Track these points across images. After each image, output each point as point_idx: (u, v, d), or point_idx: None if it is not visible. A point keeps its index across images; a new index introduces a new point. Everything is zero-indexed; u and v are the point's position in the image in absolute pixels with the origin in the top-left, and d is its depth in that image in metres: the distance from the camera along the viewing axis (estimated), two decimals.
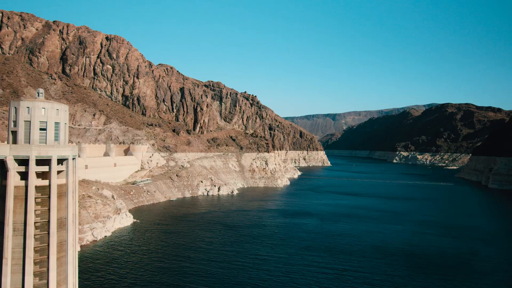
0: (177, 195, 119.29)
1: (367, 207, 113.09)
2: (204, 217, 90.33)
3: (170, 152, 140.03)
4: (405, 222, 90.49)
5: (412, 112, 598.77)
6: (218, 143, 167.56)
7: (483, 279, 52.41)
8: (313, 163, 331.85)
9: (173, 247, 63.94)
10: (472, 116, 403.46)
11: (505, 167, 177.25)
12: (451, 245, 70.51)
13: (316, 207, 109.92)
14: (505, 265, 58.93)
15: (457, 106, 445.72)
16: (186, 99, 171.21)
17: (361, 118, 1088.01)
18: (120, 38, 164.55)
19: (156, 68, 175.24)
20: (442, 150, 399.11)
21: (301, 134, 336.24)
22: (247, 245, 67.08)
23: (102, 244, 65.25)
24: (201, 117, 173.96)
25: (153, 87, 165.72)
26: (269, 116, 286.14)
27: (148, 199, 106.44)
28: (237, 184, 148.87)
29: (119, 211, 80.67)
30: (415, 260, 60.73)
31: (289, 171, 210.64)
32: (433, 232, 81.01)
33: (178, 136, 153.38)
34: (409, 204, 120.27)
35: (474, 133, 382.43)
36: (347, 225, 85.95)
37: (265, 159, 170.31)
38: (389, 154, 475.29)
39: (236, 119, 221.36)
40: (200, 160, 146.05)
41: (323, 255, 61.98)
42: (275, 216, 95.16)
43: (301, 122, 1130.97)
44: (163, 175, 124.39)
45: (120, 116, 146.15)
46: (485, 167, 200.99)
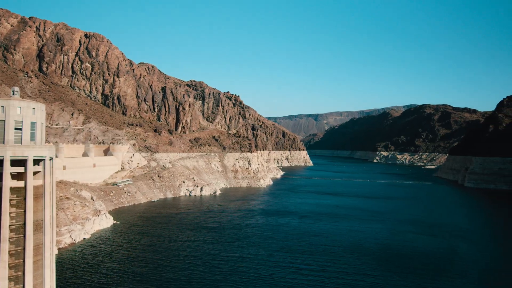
0: (159, 195, 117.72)
1: (348, 206, 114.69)
2: (186, 218, 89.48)
3: (152, 152, 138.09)
4: (385, 221, 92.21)
5: (392, 113, 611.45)
6: (200, 143, 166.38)
7: (461, 278, 53.86)
8: (296, 163, 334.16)
9: (153, 249, 63.04)
10: (449, 117, 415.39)
11: (480, 167, 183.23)
12: (430, 243, 72.31)
13: (298, 207, 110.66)
14: (482, 264, 60.74)
15: (434, 107, 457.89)
16: (168, 99, 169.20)
17: (343, 119, 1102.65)
18: (100, 36, 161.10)
19: (137, 67, 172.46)
20: (421, 150, 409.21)
21: (283, 134, 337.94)
22: (229, 246, 66.89)
23: (80, 247, 63.68)
24: (183, 117, 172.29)
25: (134, 86, 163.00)
26: (252, 116, 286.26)
27: (128, 200, 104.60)
28: (219, 184, 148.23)
29: (99, 213, 78.94)
30: (395, 258, 61.88)
31: (272, 171, 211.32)
32: (413, 230, 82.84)
33: (160, 136, 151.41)
34: (389, 203, 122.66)
35: (451, 134, 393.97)
36: (328, 225, 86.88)
37: (248, 159, 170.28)
38: (369, 154, 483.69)
39: (219, 119, 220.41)
40: (182, 160, 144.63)
41: (303, 256, 62.36)
42: (257, 216, 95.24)
43: (284, 122, 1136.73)
44: (144, 175, 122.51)
45: (100, 115, 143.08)
46: (461, 166, 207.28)
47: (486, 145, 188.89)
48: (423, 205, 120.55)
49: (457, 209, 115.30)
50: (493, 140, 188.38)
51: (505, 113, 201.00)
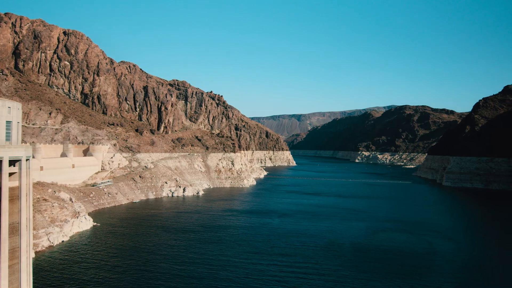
0: (140, 196, 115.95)
1: (330, 205, 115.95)
2: (168, 219, 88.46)
3: (133, 152, 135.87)
4: (366, 220, 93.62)
5: (373, 114, 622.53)
6: (183, 143, 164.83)
7: (440, 276, 55.12)
8: (279, 163, 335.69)
9: (134, 251, 61.97)
10: (428, 117, 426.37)
11: (457, 166, 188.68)
12: (409, 240, 73.85)
13: (280, 207, 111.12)
14: (460, 262, 62.30)
15: (414, 108, 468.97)
16: (150, 98, 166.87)
17: (325, 119, 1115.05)
18: (79, 33, 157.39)
19: (118, 65, 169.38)
20: (401, 149, 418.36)
21: (267, 134, 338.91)
22: (211, 247, 66.47)
23: (59, 250, 62.01)
24: (165, 116, 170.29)
25: (114, 85, 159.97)
26: (235, 116, 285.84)
27: (109, 202, 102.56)
28: (202, 184, 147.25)
29: (78, 215, 77.08)
30: (375, 258, 62.77)
31: (255, 171, 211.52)
32: (392, 228, 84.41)
33: (142, 136, 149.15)
34: (370, 202, 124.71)
35: (429, 134, 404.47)
36: (310, 224, 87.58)
37: (231, 159, 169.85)
38: (351, 154, 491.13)
39: (202, 119, 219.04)
40: (164, 161, 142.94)
41: (284, 256, 62.56)
42: (240, 216, 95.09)
43: (267, 123, 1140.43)
44: (125, 176, 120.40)
45: (79, 115, 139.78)
46: (440, 166, 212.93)
47: (463, 145, 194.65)
48: (403, 204, 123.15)
49: (435, 207, 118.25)
50: (469, 140, 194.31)
51: (481, 114, 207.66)
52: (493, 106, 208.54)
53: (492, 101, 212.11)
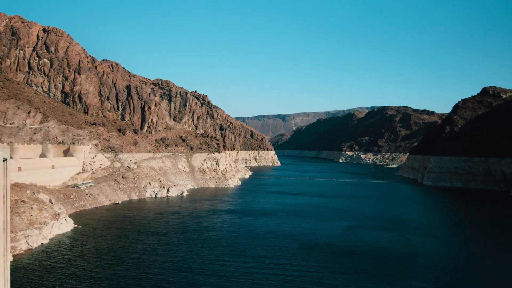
0: (123, 197, 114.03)
1: (314, 205, 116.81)
2: (151, 220, 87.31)
3: (115, 152, 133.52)
4: (349, 219, 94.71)
5: (356, 114, 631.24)
6: (167, 143, 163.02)
7: (422, 276, 56.11)
8: (264, 163, 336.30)
9: (115, 254, 60.80)
10: (410, 118, 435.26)
11: (438, 165, 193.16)
12: (391, 239, 75.08)
13: (265, 206, 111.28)
14: (442, 261, 63.53)
15: (396, 109, 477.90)
16: (132, 97, 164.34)
17: (310, 119, 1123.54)
18: (60, 31, 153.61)
19: (100, 64, 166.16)
20: (383, 149, 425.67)
21: (252, 134, 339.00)
22: (194, 249, 65.98)
23: (38, 253, 60.31)
24: (149, 116, 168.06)
25: (96, 84, 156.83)
26: (220, 116, 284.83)
27: (90, 203, 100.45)
28: (187, 185, 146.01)
29: (58, 216, 75.15)
30: (357, 257, 63.46)
31: (240, 171, 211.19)
32: (375, 227, 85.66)
33: (124, 136, 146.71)
34: (353, 202, 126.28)
35: (411, 134, 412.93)
36: (294, 224, 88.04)
37: (216, 160, 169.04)
38: (335, 154, 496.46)
39: (186, 119, 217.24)
40: (148, 161, 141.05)
41: (267, 257, 62.63)
42: (224, 217, 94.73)
43: (252, 123, 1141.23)
44: (107, 177, 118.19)
45: (59, 114, 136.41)
46: (421, 165, 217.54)
47: (443, 145, 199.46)
48: (385, 203, 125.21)
49: (417, 206, 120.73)
50: (449, 141, 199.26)
51: (460, 115, 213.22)
52: (472, 107, 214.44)
53: (471, 103, 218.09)
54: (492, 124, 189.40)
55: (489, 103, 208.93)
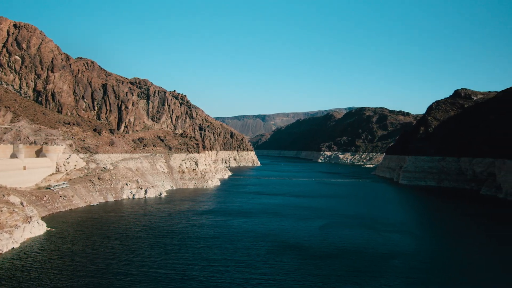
0: (99, 199, 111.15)
1: (293, 205, 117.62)
2: (128, 222, 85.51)
3: (91, 153, 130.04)
4: (326, 218, 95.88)
5: (334, 115, 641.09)
6: (145, 144, 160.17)
7: (398, 277, 57.27)
8: (244, 163, 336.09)
9: (89, 258, 59.11)
10: (386, 119, 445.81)
11: (413, 165, 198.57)
12: (367, 237, 76.53)
13: (245, 207, 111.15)
14: (418, 261, 65.08)
15: (373, 110, 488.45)
16: (109, 97, 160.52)
17: (289, 120, 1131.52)
18: (32, 27, 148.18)
19: (75, 61, 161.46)
20: (361, 149, 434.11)
21: (231, 134, 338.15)
22: (172, 252, 65.09)
23: (8, 258, 57.83)
24: (126, 116, 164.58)
25: (70, 82, 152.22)
26: (199, 116, 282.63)
27: (64, 205, 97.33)
28: (165, 186, 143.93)
29: (30, 219, 72.38)
30: (333, 257, 64.25)
31: (220, 171, 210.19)
32: (352, 225, 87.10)
33: (100, 136, 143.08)
34: (332, 201, 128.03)
35: (387, 135, 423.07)
36: (273, 224, 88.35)
37: (195, 160, 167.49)
38: (314, 154, 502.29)
39: (165, 119, 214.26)
40: (125, 162, 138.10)
41: (245, 259, 62.57)
42: (203, 218, 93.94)
43: (232, 123, 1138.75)
44: (82, 178, 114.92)
45: (31, 113, 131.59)
46: (396, 165, 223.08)
47: (418, 145, 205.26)
48: (363, 202, 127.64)
49: (392, 205, 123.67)
50: (423, 141, 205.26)
51: (434, 116, 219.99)
52: (445, 108, 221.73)
53: (444, 104, 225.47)
54: (463, 125, 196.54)
55: (461, 104, 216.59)
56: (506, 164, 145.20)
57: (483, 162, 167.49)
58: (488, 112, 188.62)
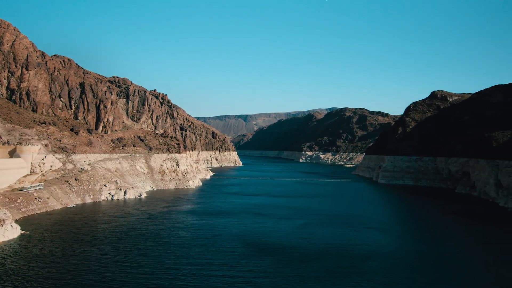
0: (76, 201, 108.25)
1: (276, 205, 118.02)
2: (106, 224, 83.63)
3: (68, 153, 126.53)
4: (308, 217, 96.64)
5: (316, 115, 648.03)
6: (124, 144, 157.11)
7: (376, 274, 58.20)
8: (226, 163, 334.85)
9: (65, 262, 57.41)
10: (366, 119, 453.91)
11: (391, 165, 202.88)
12: (346, 236, 77.58)
13: (226, 207, 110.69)
14: (398, 261, 66.30)
15: (353, 111, 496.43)
16: (87, 95, 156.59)
17: (271, 120, 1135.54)
18: (5, 23, 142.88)
19: (51, 59, 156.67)
20: (341, 149, 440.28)
21: (213, 134, 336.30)
22: (150, 254, 64.11)
23: None
24: (104, 115, 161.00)
25: (46, 81, 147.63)
26: (180, 116, 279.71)
27: (40, 207, 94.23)
28: (145, 186, 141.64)
29: (3, 222, 69.70)
30: (311, 257, 64.77)
31: (201, 171, 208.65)
32: (332, 224, 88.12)
33: (78, 136, 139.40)
34: (313, 200, 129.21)
35: (367, 135, 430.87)
36: (255, 224, 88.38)
37: (176, 160, 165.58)
38: (296, 154, 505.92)
39: (145, 118, 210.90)
40: (103, 162, 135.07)
41: (224, 261, 62.36)
42: (183, 219, 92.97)
43: (214, 123, 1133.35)
44: (58, 179, 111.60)
45: (4, 112, 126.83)
46: (376, 164, 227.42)
47: (396, 145, 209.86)
48: (343, 201, 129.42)
49: (371, 203, 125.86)
50: (401, 141, 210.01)
51: (411, 117, 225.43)
52: (422, 109, 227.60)
53: (421, 105, 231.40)
54: (439, 125, 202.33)
55: (437, 106, 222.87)
56: (480, 163, 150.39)
57: (458, 162, 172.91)
58: (462, 113, 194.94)
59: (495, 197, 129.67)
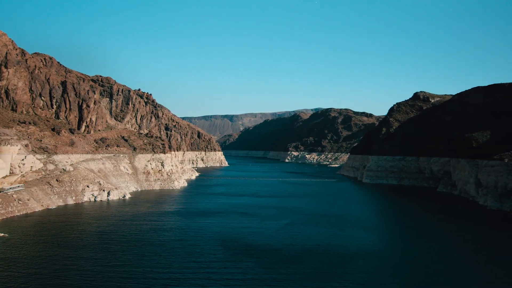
0: (58, 202, 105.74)
1: (262, 205, 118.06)
2: (88, 226, 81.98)
3: (49, 154, 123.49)
4: (292, 217, 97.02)
5: (301, 115, 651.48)
6: (107, 144, 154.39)
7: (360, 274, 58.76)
8: (211, 163, 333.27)
9: (45, 266, 55.97)
10: (350, 120, 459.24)
11: (375, 164, 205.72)
12: (331, 235, 78.19)
13: (211, 208, 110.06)
14: (384, 260, 67.07)
15: (338, 111, 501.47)
16: (69, 95, 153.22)
17: (257, 120, 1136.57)
18: None
19: (31, 57, 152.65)
20: (327, 149, 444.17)
21: (199, 134, 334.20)
22: (133, 256, 63.18)
23: None
24: (87, 115, 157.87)
25: (26, 79, 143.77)
26: (165, 116, 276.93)
27: (19, 209, 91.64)
28: (129, 187, 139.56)
29: None
30: (293, 259, 65.00)
31: (187, 172, 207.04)
32: (317, 223, 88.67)
33: (59, 136, 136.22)
34: (299, 200, 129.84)
35: (352, 135, 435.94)
36: (240, 224, 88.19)
37: (161, 161, 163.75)
38: (281, 154, 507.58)
39: (129, 118, 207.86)
40: (86, 163, 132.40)
41: (207, 264, 62.03)
42: (167, 220, 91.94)
43: (199, 123, 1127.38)
44: (39, 180, 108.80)
45: None
46: (360, 164, 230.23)
47: (380, 145, 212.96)
48: (328, 200, 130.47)
49: (357, 203, 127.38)
50: (385, 141, 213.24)
51: (395, 118, 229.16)
52: (405, 110, 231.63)
53: (404, 106, 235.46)
54: (422, 126, 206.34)
55: (419, 106, 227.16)
56: (460, 163, 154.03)
57: (439, 161, 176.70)
58: (444, 114, 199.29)
59: (475, 196, 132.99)
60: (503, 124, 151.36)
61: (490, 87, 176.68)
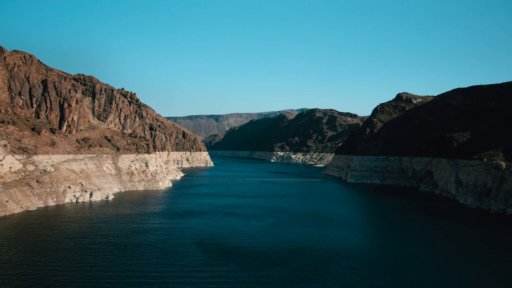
0: (38, 204, 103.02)
1: (247, 205, 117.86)
2: (69, 228, 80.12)
3: (29, 154, 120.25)
4: (279, 217, 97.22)
5: (287, 116, 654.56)
6: (90, 144, 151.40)
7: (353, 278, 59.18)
8: (197, 164, 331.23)
9: (25, 271, 54.44)
10: (335, 120, 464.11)
11: (359, 164, 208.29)
12: (317, 234, 78.70)
13: (196, 208, 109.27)
14: (367, 260, 67.68)
15: (323, 111, 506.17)
16: (50, 93, 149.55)
17: (243, 120, 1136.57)
18: None
19: (10, 55, 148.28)
20: (312, 150, 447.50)
21: (184, 134, 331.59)
22: (115, 259, 62.11)
23: None
24: (69, 114, 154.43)
25: (5, 77, 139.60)
26: (150, 116, 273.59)
27: None
28: (113, 188, 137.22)
29: None
30: (277, 259, 65.15)
31: (172, 172, 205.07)
32: (303, 223, 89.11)
33: (39, 135, 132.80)
34: (284, 200, 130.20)
35: (336, 135, 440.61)
36: (225, 224, 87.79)
37: (145, 161, 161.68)
38: (267, 154, 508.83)
39: (112, 118, 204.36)
40: (67, 163, 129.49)
41: (188, 267, 61.58)
42: (150, 222, 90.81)
43: (184, 123, 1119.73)
44: (18, 181, 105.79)
45: None
46: (345, 164, 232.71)
47: (364, 145, 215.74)
48: (313, 200, 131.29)
49: (341, 202, 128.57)
50: (369, 141, 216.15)
51: (378, 118, 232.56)
52: (388, 111, 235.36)
53: (387, 107, 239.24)
54: (405, 126, 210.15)
55: (402, 107, 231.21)
56: (441, 162, 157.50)
57: (421, 161, 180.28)
58: (426, 114, 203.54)
59: (456, 195, 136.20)
60: (482, 124, 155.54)
61: (470, 88, 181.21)
